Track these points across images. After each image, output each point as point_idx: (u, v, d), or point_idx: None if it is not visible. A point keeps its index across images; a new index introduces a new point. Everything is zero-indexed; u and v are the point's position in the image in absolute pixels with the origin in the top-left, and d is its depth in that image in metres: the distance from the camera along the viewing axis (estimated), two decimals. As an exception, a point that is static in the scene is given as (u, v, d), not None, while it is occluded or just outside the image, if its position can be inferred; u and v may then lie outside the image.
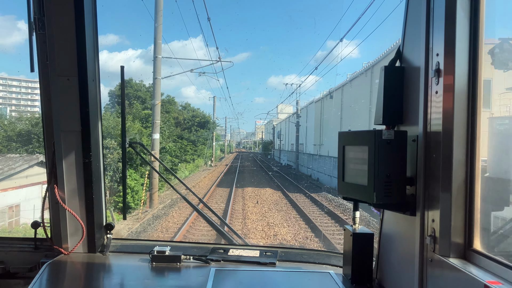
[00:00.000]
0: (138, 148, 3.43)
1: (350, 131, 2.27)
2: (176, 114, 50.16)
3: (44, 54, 2.67)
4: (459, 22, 1.77)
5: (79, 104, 2.70)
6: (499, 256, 1.62)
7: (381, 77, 2.16)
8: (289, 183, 32.76)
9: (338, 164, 2.33)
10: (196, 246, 3.16)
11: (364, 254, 2.38)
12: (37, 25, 2.63)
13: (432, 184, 1.86)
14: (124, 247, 3.11)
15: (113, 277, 2.72)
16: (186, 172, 39.82)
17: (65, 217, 2.84)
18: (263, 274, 2.64)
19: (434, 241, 1.82)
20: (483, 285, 1.50)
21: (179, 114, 51.50)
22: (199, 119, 53.90)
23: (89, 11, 2.66)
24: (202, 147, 51.25)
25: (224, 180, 34.92)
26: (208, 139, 53.16)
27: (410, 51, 2.09)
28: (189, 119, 52.30)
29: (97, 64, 2.85)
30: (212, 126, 56.61)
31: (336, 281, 2.48)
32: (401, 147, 1.99)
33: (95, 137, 2.84)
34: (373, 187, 1.95)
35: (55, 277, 2.60)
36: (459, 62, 1.78)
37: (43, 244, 3.00)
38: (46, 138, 2.82)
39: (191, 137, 48.79)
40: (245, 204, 22.26)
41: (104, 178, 3.08)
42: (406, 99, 2.10)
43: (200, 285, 2.41)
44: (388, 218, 2.31)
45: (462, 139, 1.77)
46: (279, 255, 2.93)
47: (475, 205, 1.77)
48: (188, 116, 52.73)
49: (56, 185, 2.80)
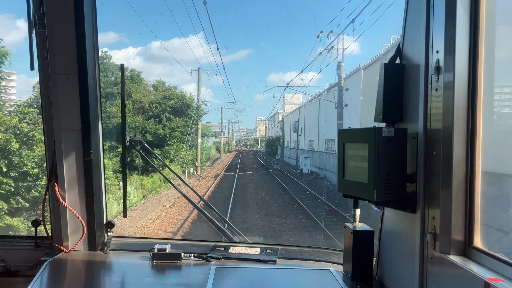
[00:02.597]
0: (139, 146, 3.43)
1: (350, 129, 2.27)
2: (139, 96, 33.78)
3: (44, 52, 2.67)
4: (459, 20, 1.77)
5: (79, 102, 2.70)
6: (500, 253, 1.62)
7: (381, 75, 2.16)
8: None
9: (338, 161, 2.34)
10: (196, 244, 3.16)
11: (365, 252, 2.39)
12: (37, 23, 2.62)
13: (432, 181, 1.86)
14: (124, 245, 3.11)
15: (114, 275, 2.72)
16: (135, 195, 22.59)
17: (65, 215, 2.85)
18: (263, 272, 2.65)
19: (434, 239, 1.82)
20: (483, 282, 1.50)
21: (143, 95, 34.40)
22: (173, 102, 34.49)
23: (88, 9, 2.65)
24: (179, 146, 33.86)
25: (198, 229, 15.91)
26: (189, 133, 34.79)
27: (410, 48, 2.09)
28: (157, 102, 34.23)
29: (97, 62, 2.85)
30: (196, 114, 36.18)
31: (337, 278, 2.49)
32: (401, 144, 1.99)
33: (95, 135, 2.84)
34: (373, 185, 1.95)
35: (56, 275, 2.60)
36: (459, 59, 1.77)
37: (43, 242, 3.00)
38: (47, 136, 2.82)
39: (159, 131, 32.65)
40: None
41: (104, 176, 3.09)
42: (406, 96, 2.10)
43: (201, 283, 2.41)
44: (389, 215, 2.31)
45: (462, 136, 1.77)
46: (279, 252, 2.94)
47: (475, 202, 1.77)
48: (157, 99, 34.60)
49: (57, 183, 2.80)
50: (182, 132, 34.40)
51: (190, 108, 35.99)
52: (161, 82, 38.34)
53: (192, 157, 36.79)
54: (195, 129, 36.44)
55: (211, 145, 76.23)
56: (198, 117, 37.19)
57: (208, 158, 59.08)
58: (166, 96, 34.78)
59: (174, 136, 33.60)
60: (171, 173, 23.56)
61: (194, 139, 36.78)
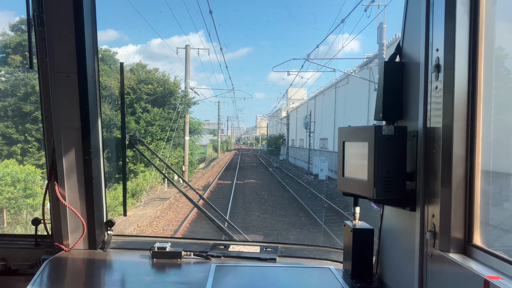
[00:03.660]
0: (139, 145, 3.43)
1: (350, 127, 2.27)
2: (109, 81, 26.48)
3: (43, 51, 2.66)
4: (459, 17, 1.77)
5: (78, 101, 2.70)
6: (499, 251, 1.63)
7: (381, 73, 2.16)
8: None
9: (338, 159, 2.34)
10: (196, 242, 3.17)
11: (364, 250, 2.39)
12: (36, 21, 2.62)
13: (432, 179, 1.86)
14: (124, 243, 3.12)
15: (114, 273, 2.73)
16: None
17: (65, 214, 2.85)
18: (263, 270, 2.65)
19: (434, 236, 1.83)
20: (483, 280, 1.51)
21: (113, 79, 26.64)
22: (152, 87, 27.35)
23: (88, 7, 2.65)
24: (158, 144, 27.11)
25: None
26: (174, 129, 27.13)
27: (410, 46, 2.09)
28: (130, 88, 27.37)
29: (97, 61, 2.84)
30: (182, 103, 28.62)
31: (337, 276, 2.49)
32: (401, 142, 1.99)
33: (95, 134, 2.84)
34: (373, 183, 1.96)
35: (56, 273, 2.60)
36: (459, 57, 1.77)
37: (44, 241, 3.00)
38: (46, 135, 2.82)
39: (131, 125, 26.49)
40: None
41: (104, 174, 3.09)
42: (406, 94, 2.10)
43: (201, 281, 2.41)
44: (388, 213, 2.32)
45: (462, 134, 1.77)
46: (279, 250, 2.94)
47: (475, 200, 1.77)
48: (130, 83, 27.51)
49: (57, 182, 2.80)
50: (162, 127, 26.89)
51: (174, 96, 27.80)
52: (140, 65, 29.49)
53: (176, 160, 28.97)
54: (182, 123, 28.09)
55: (207, 144, 71.03)
56: (185, 108, 28.78)
57: (204, 159, 55.07)
58: (142, 80, 26.60)
59: (151, 131, 26.23)
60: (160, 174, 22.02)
61: (181, 136, 28.90)
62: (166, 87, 28.10)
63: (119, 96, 3.28)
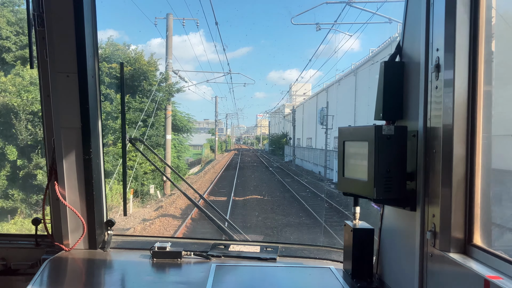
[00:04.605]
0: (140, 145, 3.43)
1: (350, 127, 2.28)
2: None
3: (43, 50, 2.66)
4: (459, 17, 1.77)
5: (79, 101, 2.70)
6: (499, 251, 1.63)
7: (381, 72, 2.16)
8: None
9: (338, 159, 2.34)
10: (196, 242, 3.17)
11: (365, 250, 2.39)
12: (36, 21, 2.62)
13: (432, 179, 1.86)
14: (124, 243, 3.12)
15: (114, 273, 2.73)
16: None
17: (65, 213, 2.85)
18: (263, 270, 2.65)
19: (434, 236, 1.83)
20: (483, 279, 1.51)
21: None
22: (116, 66, 20.12)
23: (88, 7, 2.65)
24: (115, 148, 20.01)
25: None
26: (150, 124, 21.22)
27: (410, 46, 2.09)
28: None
29: (97, 61, 2.85)
30: (162, 90, 22.07)
31: (337, 276, 2.49)
32: (401, 142, 1.99)
33: (95, 134, 2.84)
34: (373, 183, 1.96)
35: (56, 273, 2.60)
36: (459, 57, 1.77)
37: (44, 241, 3.01)
38: (46, 135, 2.82)
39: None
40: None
41: (104, 174, 3.09)
42: (406, 94, 2.10)
43: (201, 281, 2.42)
44: (388, 213, 2.32)
45: (462, 134, 1.77)
46: (279, 250, 2.94)
47: (475, 200, 1.77)
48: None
49: (57, 181, 2.80)
50: (131, 120, 20.85)
51: (149, 81, 20.69)
52: (112, 44, 22.47)
53: (151, 167, 20.66)
54: (163, 117, 21.23)
55: (204, 144, 66.73)
56: (166, 96, 22.05)
57: (200, 160, 50.65)
58: (104, 59, 19.97)
59: (113, 127, 19.36)
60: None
61: (160, 135, 22.37)
62: (137, 67, 20.76)
63: (120, 96, 3.28)
